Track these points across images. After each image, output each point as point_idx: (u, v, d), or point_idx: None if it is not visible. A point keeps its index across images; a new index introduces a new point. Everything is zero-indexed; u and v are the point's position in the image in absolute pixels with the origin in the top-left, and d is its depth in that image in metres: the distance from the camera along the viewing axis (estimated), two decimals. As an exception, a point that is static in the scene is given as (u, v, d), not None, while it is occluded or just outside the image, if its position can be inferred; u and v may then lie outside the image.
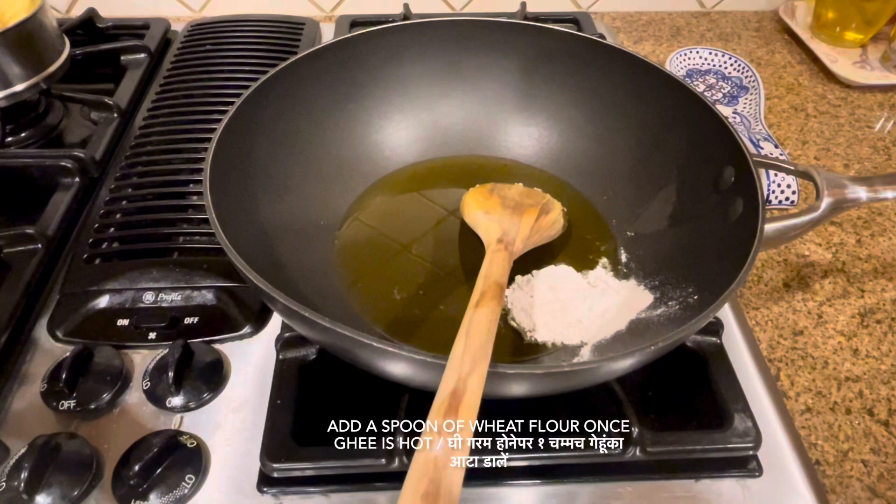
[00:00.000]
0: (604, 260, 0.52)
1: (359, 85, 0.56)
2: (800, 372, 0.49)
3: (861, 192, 0.44)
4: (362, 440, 0.39)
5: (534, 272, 0.49)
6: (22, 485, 0.37)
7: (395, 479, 0.40)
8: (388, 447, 0.38)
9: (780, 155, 0.64)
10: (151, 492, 0.38)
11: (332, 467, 0.39)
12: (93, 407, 0.43)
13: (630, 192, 0.54)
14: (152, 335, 0.47)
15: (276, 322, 0.49)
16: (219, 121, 0.44)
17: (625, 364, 0.34)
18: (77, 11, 0.85)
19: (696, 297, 0.44)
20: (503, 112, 0.60)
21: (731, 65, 0.77)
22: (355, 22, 0.82)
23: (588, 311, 0.46)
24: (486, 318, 0.35)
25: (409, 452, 0.39)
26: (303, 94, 0.52)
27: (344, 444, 0.39)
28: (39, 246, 0.51)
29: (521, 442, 0.40)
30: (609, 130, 0.56)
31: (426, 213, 0.55)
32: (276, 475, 0.39)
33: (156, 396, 0.43)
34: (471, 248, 0.52)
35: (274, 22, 0.81)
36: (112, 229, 0.54)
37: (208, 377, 0.45)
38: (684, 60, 0.78)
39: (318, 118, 0.54)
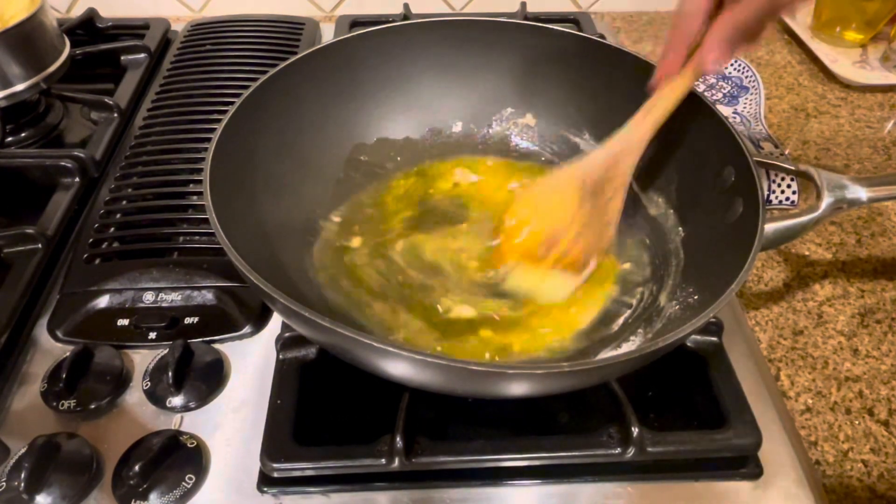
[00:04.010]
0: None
1: (359, 85, 0.56)
2: (800, 372, 0.49)
3: (861, 192, 0.44)
4: (362, 440, 0.39)
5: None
6: (22, 485, 0.37)
7: (395, 479, 0.40)
8: (387, 447, 0.38)
9: (780, 155, 0.64)
10: (151, 492, 0.38)
11: (332, 467, 0.39)
12: (93, 407, 0.43)
13: (630, 192, 0.54)
14: (152, 335, 0.47)
15: (276, 322, 0.49)
16: (219, 121, 0.44)
17: (625, 364, 0.34)
18: (77, 11, 0.85)
19: (696, 297, 0.44)
20: (503, 112, 0.60)
21: (731, 65, 0.77)
22: (355, 22, 0.82)
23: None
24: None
25: (409, 452, 0.39)
26: (303, 94, 0.52)
27: (344, 444, 0.39)
28: (39, 246, 0.51)
29: (522, 442, 0.40)
30: (609, 130, 0.56)
31: (426, 212, 0.55)
32: (276, 475, 0.39)
33: (156, 396, 0.43)
34: (472, 248, 0.52)
35: (274, 22, 0.81)
36: (112, 229, 0.54)
37: (208, 377, 0.45)
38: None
39: (317, 118, 0.54)
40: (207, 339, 0.47)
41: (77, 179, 0.58)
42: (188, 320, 0.48)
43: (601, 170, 0.47)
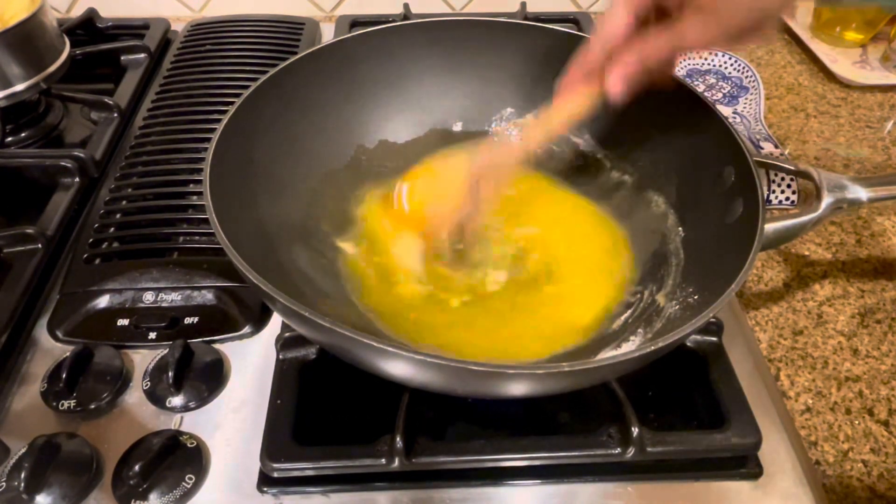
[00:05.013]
0: (604, 260, 0.51)
1: (358, 85, 0.56)
2: (800, 372, 0.49)
3: (861, 192, 0.44)
4: (362, 440, 0.39)
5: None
6: (22, 484, 0.37)
7: (395, 479, 0.40)
8: (388, 447, 0.38)
9: (780, 155, 0.64)
10: (151, 492, 0.38)
11: (332, 467, 0.39)
12: (93, 407, 0.43)
13: (630, 191, 0.54)
14: (152, 335, 0.47)
15: (276, 322, 0.49)
16: (219, 121, 0.44)
17: (625, 364, 0.34)
18: (77, 11, 0.85)
19: (696, 297, 0.44)
20: (503, 112, 0.60)
21: (731, 65, 0.77)
22: (355, 22, 0.82)
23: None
24: None
25: (409, 452, 0.39)
26: (302, 94, 0.52)
27: (344, 444, 0.39)
28: (39, 246, 0.51)
29: (522, 442, 0.40)
30: (608, 131, 0.56)
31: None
32: (276, 475, 0.39)
33: (156, 396, 0.43)
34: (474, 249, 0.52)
35: (274, 22, 0.81)
36: (112, 229, 0.54)
37: (208, 377, 0.45)
38: (684, 60, 0.78)
39: (317, 118, 0.54)
40: (207, 339, 0.47)
41: (77, 179, 0.58)
42: (188, 320, 0.48)
43: (490, 162, 0.49)
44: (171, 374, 0.43)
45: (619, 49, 0.41)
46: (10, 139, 0.64)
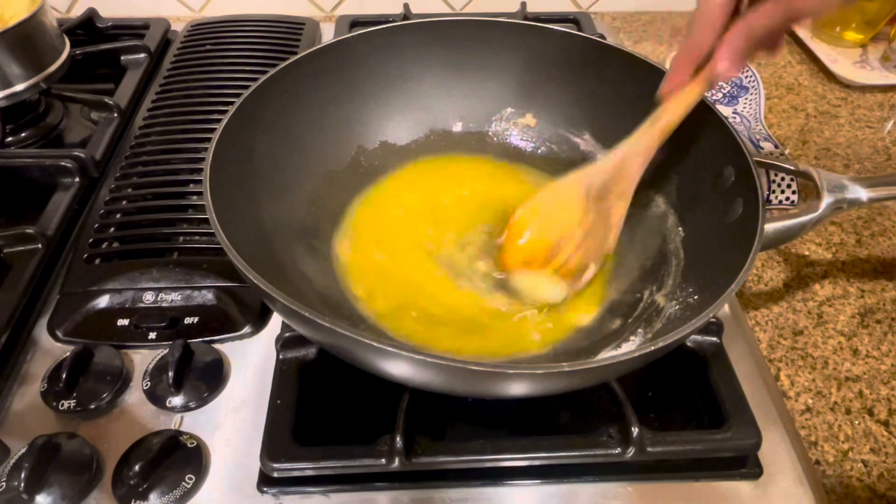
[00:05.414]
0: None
1: (358, 85, 0.56)
2: (800, 372, 0.49)
3: (861, 192, 0.44)
4: (362, 440, 0.39)
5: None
6: (22, 485, 0.37)
7: (395, 479, 0.40)
8: (388, 447, 0.38)
9: (780, 155, 0.64)
10: (151, 492, 0.38)
11: (332, 467, 0.39)
12: (93, 407, 0.43)
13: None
14: (152, 335, 0.47)
15: (276, 322, 0.49)
16: (219, 121, 0.44)
17: (625, 364, 0.34)
18: (77, 11, 0.85)
19: (696, 297, 0.44)
20: (503, 112, 0.60)
21: (731, 65, 0.77)
22: (355, 22, 0.82)
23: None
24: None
25: (409, 452, 0.39)
26: (303, 94, 0.52)
27: (344, 444, 0.39)
28: (39, 246, 0.51)
29: (522, 442, 0.40)
30: (609, 130, 0.56)
31: (426, 212, 0.55)
32: (276, 475, 0.39)
33: (156, 396, 0.43)
34: (473, 248, 0.52)
35: (274, 22, 0.81)
36: (112, 229, 0.54)
37: (208, 377, 0.45)
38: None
39: (317, 118, 0.54)
40: (207, 339, 0.47)
41: (77, 179, 0.58)
42: (188, 320, 0.48)
43: (605, 176, 0.47)
44: (171, 374, 0.43)
45: (723, 27, 0.40)
46: (10, 139, 0.64)
